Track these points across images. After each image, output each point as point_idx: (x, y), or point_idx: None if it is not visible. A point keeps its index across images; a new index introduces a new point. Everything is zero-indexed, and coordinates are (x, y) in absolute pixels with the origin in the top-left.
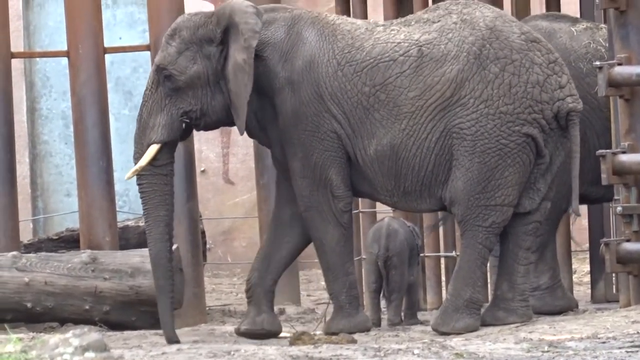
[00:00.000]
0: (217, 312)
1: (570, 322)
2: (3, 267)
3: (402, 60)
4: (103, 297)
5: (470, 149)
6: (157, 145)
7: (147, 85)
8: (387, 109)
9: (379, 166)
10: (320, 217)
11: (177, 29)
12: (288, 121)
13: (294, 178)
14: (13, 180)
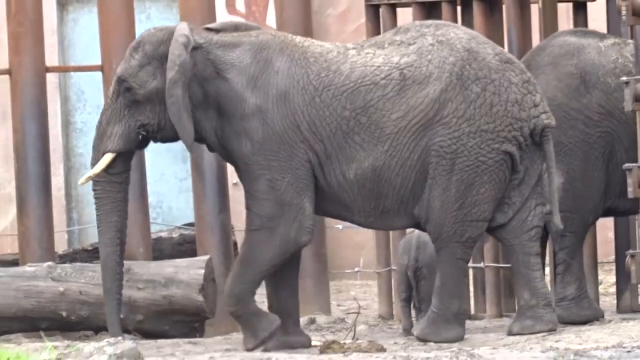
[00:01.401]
0: None
1: (596, 331)
2: (39, 277)
3: (384, 84)
4: (137, 307)
5: (449, 167)
6: (111, 154)
7: (109, 95)
8: (368, 131)
9: (359, 189)
10: (270, 238)
11: (141, 42)
12: (255, 147)
13: (254, 198)
14: (48, 192)
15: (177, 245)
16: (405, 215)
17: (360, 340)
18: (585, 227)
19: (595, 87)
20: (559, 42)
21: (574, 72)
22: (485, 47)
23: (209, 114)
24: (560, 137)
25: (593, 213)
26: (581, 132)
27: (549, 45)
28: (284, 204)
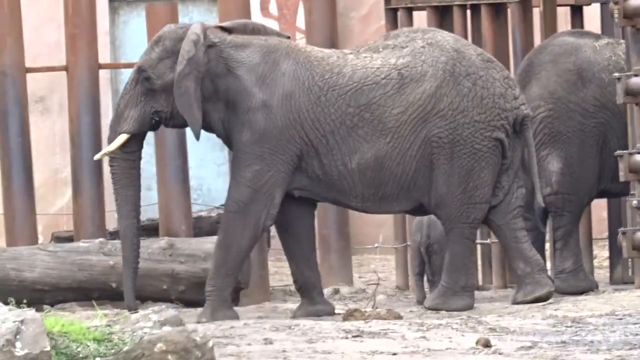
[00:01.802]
0: (279, 292)
1: (591, 301)
2: (91, 252)
3: (385, 83)
4: (179, 279)
5: (449, 155)
6: (126, 135)
7: (128, 81)
8: (371, 126)
9: (360, 177)
10: (243, 223)
11: (162, 37)
12: (255, 137)
13: (238, 183)
14: (100, 176)
15: (215, 223)
16: (403, 201)
17: (379, 308)
18: (582, 207)
19: (591, 82)
20: (558, 41)
21: (572, 69)
22: (469, 48)
23: (218, 106)
24: (559, 126)
25: (588, 195)
26: (578, 122)
27: (549, 44)
28: (260, 193)
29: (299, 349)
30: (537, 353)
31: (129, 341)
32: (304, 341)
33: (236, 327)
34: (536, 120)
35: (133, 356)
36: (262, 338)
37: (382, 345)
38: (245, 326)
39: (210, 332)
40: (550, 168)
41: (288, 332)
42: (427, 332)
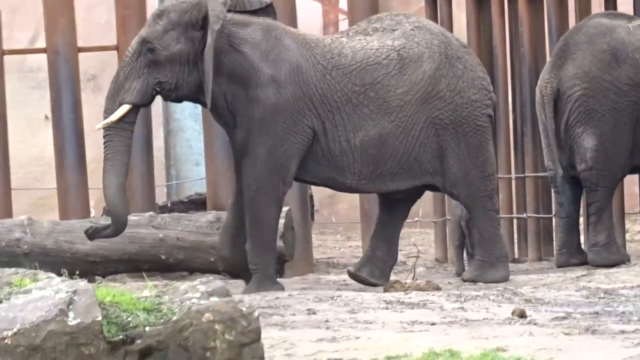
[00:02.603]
0: (322, 264)
1: (623, 273)
2: (141, 225)
3: (387, 63)
4: None
5: (454, 136)
6: (128, 105)
7: (128, 52)
8: (376, 104)
9: (362, 154)
10: (266, 200)
11: (165, 10)
12: (268, 112)
13: (253, 162)
14: (150, 152)
15: None
16: (400, 180)
17: (419, 280)
18: (615, 183)
19: (625, 62)
20: (593, 23)
21: (606, 49)
22: (449, 34)
23: (219, 80)
24: (594, 105)
25: (621, 171)
26: (612, 100)
27: (584, 26)
28: (275, 167)
29: (341, 319)
30: (570, 323)
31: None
32: (346, 311)
33: (281, 298)
34: (572, 98)
35: (181, 326)
36: (306, 308)
37: (421, 315)
38: (290, 297)
39: (256, 302)
40: (585, 145)
41: (331, 302)
42: (464, 303)
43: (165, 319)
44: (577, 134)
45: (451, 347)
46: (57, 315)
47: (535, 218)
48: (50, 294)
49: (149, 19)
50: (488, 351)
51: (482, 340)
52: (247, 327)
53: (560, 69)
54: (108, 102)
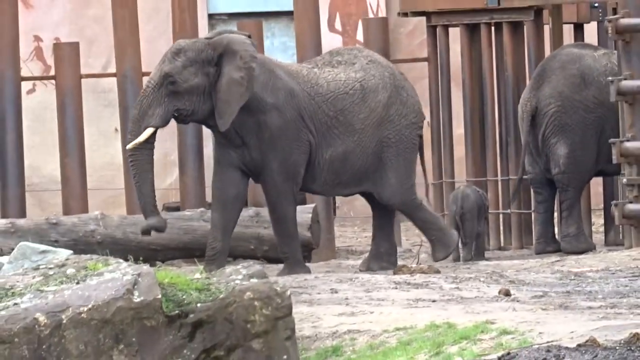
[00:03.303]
0: (343, 251)
1: (590, 259)
2: (194, 219)
3: (352, 93)
4: (263, 241)
5: (395, 152)
6: (152, 128)
7: (150, 83)
8: (343, 127)
9: (329, 166)
10: (286, 200)
11: (182, 49)
12: (275, 133)
13: (270, 174)
14: (201, 158)
15: None
16: (352, 187)
17: (422, 265)
18: (583, 184)
19: (592, 84)
20: (565, 52)
21: (576, 74)
22: (392, 65)
23: None
24: (566, 119)
25: (588, 174)
26: (581, 116)
27: (558, 54)
28: (289, 176)
29: (358, 297)
30: (547, 301)
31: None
32: (362, 290)
33: (308, 280)
34: (547, 114)
35: (227, 302)
36: (329, 288)
37: (424, 294)
38: (316, 279)
39: (288, 283)
40: (559, 152)
41: (350, 283)
42: (460, 284)
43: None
44: (552, 143)
45: (449, 320)
46: (124, 294)
47: (517, 213)
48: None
49: (168, 56)
50: (479, 323)
51: (475, 314)
52: (281, 304)
53: (538, 90)
54: (133, 126)
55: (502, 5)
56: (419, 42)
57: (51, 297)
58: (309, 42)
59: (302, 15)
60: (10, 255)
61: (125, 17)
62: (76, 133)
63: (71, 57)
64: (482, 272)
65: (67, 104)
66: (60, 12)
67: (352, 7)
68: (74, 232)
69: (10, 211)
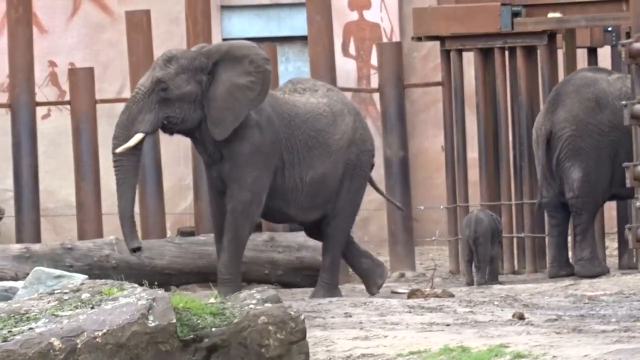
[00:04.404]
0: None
1: (604, 283)
2: (209, 244)
3: (325, 115)
4: (277, 265)
5: (351, 177)
6: (142, 134)
7: (140, 89)
8: (322, 147)
9: (309, 189)
10: (245, 221)
11: (174, 57)
12: (253, 149)
13: (241, 187)
14: None
15: None
16: (319, 212)
17: (436, 289)
18: (597, 208)
19: (606, 108)
20: (579, 76)
21: (590, 98)
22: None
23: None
24: (580, 143)
25: (602, 198)
26: (595, 140)
27: (572, 78)
28: (257, 195)
29: (372, 321)
30: (560, 324)
31: (238, 315)
32: (376, 314)
33: (322, 304)
34: (562, 138)
35: (241, 327)
36: (343, 312)
37: (438, 317)
38: (330, 303)
39: (302, 307)
40: (573, 176)
41: (364, 307)
42: (474, 308)
43: (228, 321)
44: (566, 167)
45: (463, 344)
46: (139, 319)
47: (531, 237)
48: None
49: (159, 63)
50: (493, 347)
51: (488, 338)
52: (295, 328)
53: (553, 113)
54: (121, 131)
55: (515, 29)
56: (432, 67)
57: (66, 321)
58: (323, 66)
59: (317, 40)
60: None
61: (139, 42)
62: (91, 158)
63: (86, 82)
64: (496, 295)
65: (82, 128)
66: (74, 37)
67: (366, 31)
68: (89, 257)
69: (25, 236)
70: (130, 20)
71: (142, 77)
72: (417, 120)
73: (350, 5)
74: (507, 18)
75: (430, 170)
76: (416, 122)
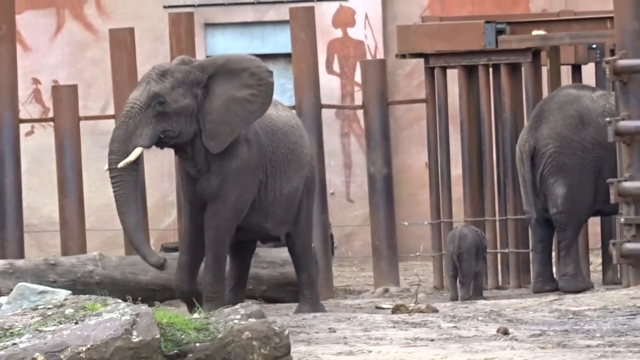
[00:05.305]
0: (341, 291)
1: (588, 298)
2: None
3: (295, 127)
4: (261, 280)
5: (308, 193)
6: (142, 148)
7: (136, 104)
8: (297, 160)
9: (285, 202)
10: (227, 238)
11: (168, 70)
12: (242, 165)
13: (225, 204)
14: None
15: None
16: (289, 224)
17: (420, 304)
18: (580, 223)
19: (590, 125)
20: (563, 93)
21: (574, 114)
22: None
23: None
24: (564, 160)
25: (586, 214)
26: (579, 157)
27: (556, 95)
28: (239, 212)
29: (357, 336)
30: (545, 339)
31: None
32: (360, 330)
33: (306, 319)
34: (546, 154)
35: (225, 342)
36: (327, 327)
37: (422, 333)
38: (314, 318)
39: (287, 323)
40: (556, 192)
41: (348, 322)
42: (458, 323)
43: (212, 337)
44: (550, 183)
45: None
46: (122, 334)
47: (515, 253)
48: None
49: (152, 77)
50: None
51: (473, 353)
52: (279, 343)
53: (536, 130)
54: (120, 145)
55: (500, 47)
56: (417, 84)
57: (50, 337)
58: (307, 84)
59: (300, 57)
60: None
61: (123, 60)
62: (74, 174)
63: (69, 99)
64: (480, 311)
65: (65, 145)
66: (58, 55)
67: (350, 49)
68: (73, 272)
69: (8, 252)
70: (114, 38)
71: (134, 91)
72: (401, 138)
73: (334, 22)
74: (492, 35)
75: (414, 187)
76: (400, 139)
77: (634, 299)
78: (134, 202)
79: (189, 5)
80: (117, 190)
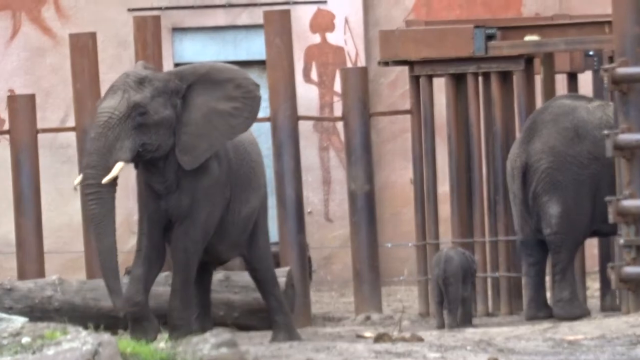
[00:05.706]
0: (319, 318)
1: (585, 325)
2: (158, 284)
3: (254, 144)
4: (234, 306)
5: (263, 215)
6: (123, 162)
7: (115, 114)
8: (256, 179)
9: (242, 224)
10: (195, 258)
11: (146, 78)
12: (212, 182)
13: (194, 226)
14: None
15: None
16: (240, 249)
17: (404, 332)
18: (577, 245)
19: (586, 138)
20: (557, 104)
21: (569, 127)
22: None
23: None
24: (558, 176)
25: (582, 235)
26: (574, 173)
27: (549, 106)
28: (207, 233)
29: None
30: None
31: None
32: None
33: (282, 348)
34: (538, 170)
35: None
36: (305, 357)
37: None
38: (290, 347)
39: (261, 352)
40: (551, 212)
41: (327, 352)
42: (445, 353)
43: None
44: (544, 202)
45: None
46: None
47: (506, 277)
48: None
49: (130, 84)
50: None
51: None
52: None
53: (529, 144)
54: (100, 159)
55: (490, 53)
56: (401, 93)
57: None
58: (283, 93)
59: (276, 65)
60: None
61: (84, 67)
62: (32, 192)
63: (26, 110)
64: (468, 340)
65: (22, 160)
66: (14, 62)
67: (329, 55)
68: (30, 298)
69: None
70: (74, 43)
71: (108, 100)
72: (384, 152)
73: (312, 27)
74: (481, 41)
75: (398, 205)
76: (383, 153)
77: (633, 327)
78: (111, 223)
79: (156, 8)
80: (94, 208)
